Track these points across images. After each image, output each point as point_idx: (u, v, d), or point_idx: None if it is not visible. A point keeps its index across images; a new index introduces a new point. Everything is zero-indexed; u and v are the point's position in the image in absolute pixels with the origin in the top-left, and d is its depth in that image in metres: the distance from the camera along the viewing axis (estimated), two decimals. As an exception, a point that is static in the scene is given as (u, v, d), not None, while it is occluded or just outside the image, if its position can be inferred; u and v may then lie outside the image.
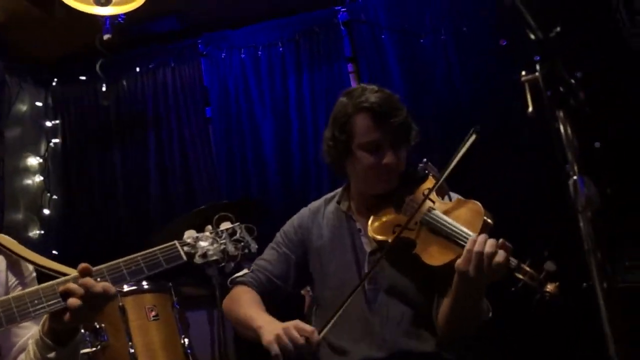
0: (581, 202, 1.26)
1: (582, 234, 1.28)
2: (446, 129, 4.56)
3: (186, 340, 3.10)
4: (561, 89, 1.31)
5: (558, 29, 1.29)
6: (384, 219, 2.26)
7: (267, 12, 5.12)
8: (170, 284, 3.23)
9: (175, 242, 1.84)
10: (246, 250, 1.99)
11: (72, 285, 1.60)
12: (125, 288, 3.11)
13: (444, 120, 4.60)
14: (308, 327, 1.99)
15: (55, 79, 5.44)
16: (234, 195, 4.85)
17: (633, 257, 3.70)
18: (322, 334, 2.04)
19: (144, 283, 3.18)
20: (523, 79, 1.32)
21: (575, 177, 1.28)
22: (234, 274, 3.50)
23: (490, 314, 2.16)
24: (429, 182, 2.24)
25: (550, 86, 1.32)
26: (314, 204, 2.55)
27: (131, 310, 3.08)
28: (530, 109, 1.31)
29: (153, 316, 3.09)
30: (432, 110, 4.67)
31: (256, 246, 2.02)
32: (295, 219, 2.52)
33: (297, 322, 2.02)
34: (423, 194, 2.20)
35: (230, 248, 1.95)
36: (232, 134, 5.06)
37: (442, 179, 2.16)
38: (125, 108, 5.29)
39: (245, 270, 2.46)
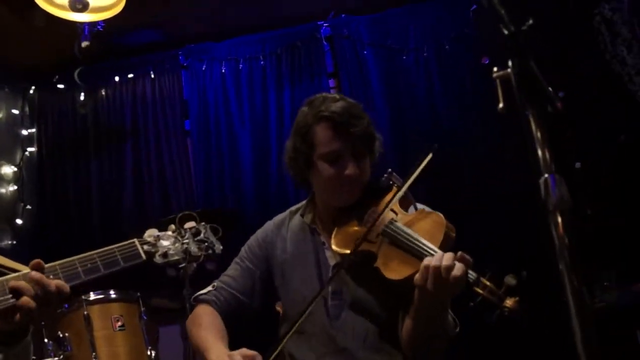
0: (552, 202, 1.20)
1: (553, 241, 1.22)
2: (426, 145, 4.50)
3: (153, 352, 3.01)
4: (534, 86, 1.25)
5: (530, 21, 1.24)
6: (347, 232, 2.18)
7: (250, 26, 5.08)
8: (139, 294, 3.14)
9: (135, 240, 1.77)
10: (210, 251, 1.93)
11: (23, 283, 1.52)
12: (92, 296, 3.03)
13: (425, 137, 4.59)
14: (252, 352, 1.95)
15: (33, 87, 5.36)
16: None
17: (611, 278, 3.67)
18: (272, 357, 1.98)
19: (112, 292, 3.10)
20: (494, 75, 1.26)
21: (546, 176, 1.23)
22: (196, 274, 3.43)
23: (458, 329, 2.09)
24: (393, 193, 2.15)
25: (522, 83, 1.26)
26: (279, 217, 2.47)
27: (96, 319, 2.99)
28: (500, 105, 1.25)
29: (119, 326, 3.00)
30: (413, 127, 4.66)
31: (221, 247, 1.96)
32: (259, 233, 2.44)
33: (243, 350, 1.96)
34: (385, 205, 2.12)
35: (193, 248, 1.89)
36: (210, 147, 5.00)
37: (401, 191, 2.10)
38: (103, 118, 5.21)
39: (209, 288, 2.36)
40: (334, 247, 2.17)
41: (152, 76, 5.20)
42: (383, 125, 4.67)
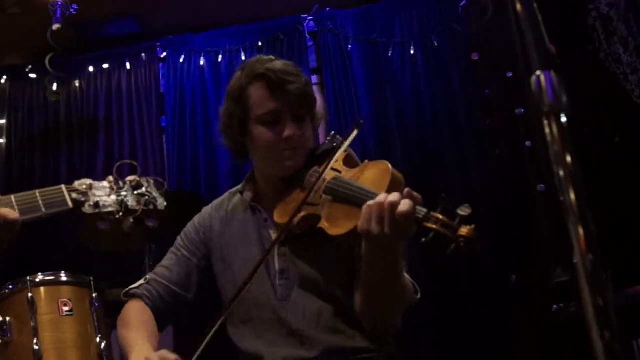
0: (547, 101, 0.98)
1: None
2: (409, 142, 4.38)
3: (103, 342, 2.75)
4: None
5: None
6: (290, 202, 1.97)
7: (231, 18, 4.91)
8: (92, 278, 2.89)
9: (62, 185, 1.54)
10: (151, 206, 1.70)
11: None
12: (40, 277, 2.77)
13: (409, 134, 4.41)
14: (172, 356, 1.74)
15: (5, 77, 5.16)
16: (184, 207, 4.53)
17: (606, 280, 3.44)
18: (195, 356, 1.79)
19: (62, 274, 2.84)
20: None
21: (539, 73, 1.01)
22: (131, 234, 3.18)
23: (419, 296, 1.88)
24: (341, 155, 1.98)
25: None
26: (217, 200, 2.26)
27: (41, 302, 2.72)
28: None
29: (66, 311, 2.72)
30: (397, 124, 4.47)
31: (165, 203, 1.74)
32: (196, 218, 2.23)
33: (162, 352, 1.77)
34: (327, 163, 1.93)
35: (131, 201, 1.66)
36: (186, 142, 4.79)
37: (344, 145, 1.94)
38: (75, 109, 5.02)
39: (141, 281, 2.15)
40: (276, 219, 1.97)
41: (128, 68, 5.02)
42: (367, 121, 4.48)
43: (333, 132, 2.04)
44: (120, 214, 1.66)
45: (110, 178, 1.70)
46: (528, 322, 3.87)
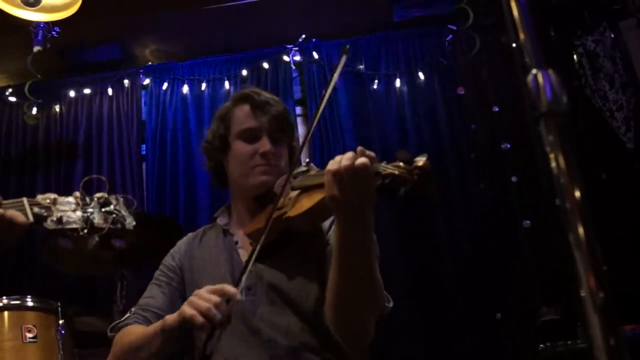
0: (545, 101, 0.91)
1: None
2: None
3: (67, 373, 2.62)
4: None
5: None
6: (261, 217, 1.98)
7: (215, 46, 4.87)
8: (59, 303, 2.77)
9: (24, 198, 1.45)
10: (118, 225, 1.60)
11: None
12: (4, 301, 2.65)
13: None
14: (217, 285, 1.70)
15: (-17, 99, 5.05)
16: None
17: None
18: (240, 287, 1.74)
19: (28, 298, 2.72)
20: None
21: (535, 71, 0.94)
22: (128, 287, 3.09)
23: (391, 304, 1.87)
24: (313, 171, 1.98)
25: None
26: (192, 233, 2.31)
27: (4, 328, 2.60)
28: None
29: (30, 338, 2.60)
30: (381, 156, 4.37)
31: (134, 223, 1.64)
32: (171, 250, 2.26)
33: (206, 286, 1.72)
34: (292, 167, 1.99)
35: (97, 219, 1.56)
36: (165, 173, 4.69)
37: (335, 76, 1.99)
38: (54, 134, 4.93)
39: (126, 314, 2.10)
40: (245, 232, 2.03)
41: (110, 94, 4.94)
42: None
43: (307, 160, 2.09)
44: (85, 231, 1.56)
45: (77, 194, 1.59)
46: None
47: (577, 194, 0.90)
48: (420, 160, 1.49)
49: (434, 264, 4.17)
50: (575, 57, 4.30)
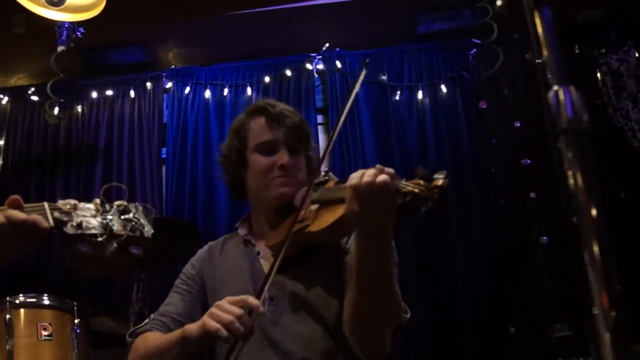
0: (565, 117, 0.91)
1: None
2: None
3: (82, 371, 2.64)
4: None
5: None
6: (281, 229, 2.00)
7: (239, 52, 4.89)
8: (75, 303, 2.79)
9: (45, 203, 1.46)
10: (137, 233, 1.61)
11: None
12: (20, 298, 2.68)
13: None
14: (239, 297, 1.70)
15: (6, 97, 5.11)
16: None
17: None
18: (261, 298, 1.73)
19: (45, 297, 2.75)
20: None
21: (556, 87, 0.94)
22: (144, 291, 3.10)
23: (408, 315, 1.85)
24: (331, 185, 2.00)
25: None
26: (213, 242, 2.31)
27: (19, 325, 2.63)
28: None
29: (45, 335, 2.63)
30: (401, 167, 4.39)
31: (152, 231, 1.65)
32: (192, 259, 2.27)
33: (228, 297, 1.72)
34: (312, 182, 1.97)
35: (116, 226, 1.57)
36: (185, 177, 4.71)
37: (356, 88, 1.99)
38: (75, 135, 4.97)
39: (145, 320, 2.12)
40: (266, 244, 2.03)
41: (132, 96, 4.98)
42: (371, 162, 4.42)
43: (326, 169, 2.10)
44: (104, 237, 1.57)
45: (97, 200, 1.60)
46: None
47: (594, 212, 0.89)
48: (440, 180, 1.49)
49: (449, 277, 4.15)
50: (598, 75, 4.28)
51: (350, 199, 1.58)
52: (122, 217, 1.61)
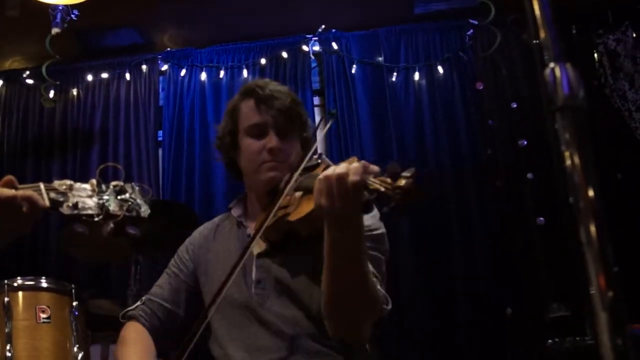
0: (561, 95, 0.90)
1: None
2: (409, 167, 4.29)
3: (80, 353, 2.64)
4: None
5: None
6: (267, 211, 1.97)
7: (235, 34, 4.87)
8: (73, 285, 2.80)
9: (40, 183, 1.46)
10: (133, 213, 1.61)
11: None
12: (17, 282, 2.68)
13: (409, 160, 4.33)
14: None
15: (1, 81, 5.10)
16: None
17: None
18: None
19: (42, 279, 2.75)
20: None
21: (553, 64, 0.93)
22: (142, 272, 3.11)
23: (390, 306, 1.84)
24: (320, 169, 1.96)
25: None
26: (208, 222, 2.33)
27: (18, 307, 2.62)
28: None
29: (44, 318, 2.62)
30: (397, 148, 4.40)
31: (149, 211, 1.65)
32: (187, 240, 2.28)
33: None
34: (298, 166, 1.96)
35: (113, 206, 1.57)
36: (182, 159, 4.71)
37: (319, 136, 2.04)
38: (71, 118, 4.95)
39: (138, 302, 2.18)
40: (256, 226, 1.99)
41: (128, 79, 4.95)
42: (367, 144, 4.43)
43: (320, 152, 2.12)
44: (100, 217, 1.57)
45: (93, 181, 1.60)
46: (523, 356, 3.78)
47: (591, 192, 0.89)
48: (403, 179, 1.42)
49: (446, 258, 4.16)
50: (595, 55, 4.26)
51: (318, 191, 1.60)
52: (119, 197, 1.61)
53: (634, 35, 4.20)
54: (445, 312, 4.06)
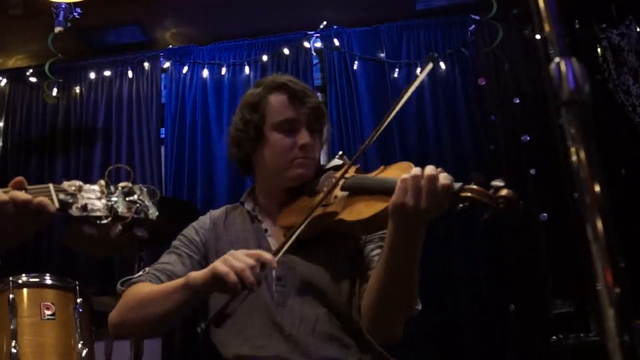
0: (566, 89, 0.90)
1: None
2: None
3: (85, 350, 2.66)
4: None
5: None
6: (296, 207, 1.98)
7: (236, 31, 4.87)
8: (77, 282, 2.81)
9: (50, 184, 1.45)
10: (141, 215, 1.61)
11: None
12: (23, 278, 2.70)
13: (411, 156, 4.33)
14: (255, 250, 1.71)
15: (5, 79, 5.10)
16: (178, 221, 4.45)
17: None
18: (277, 256, 1.74)
19: (47, 276, 2.77)
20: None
21: (558, 59, 0.93)
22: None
23: (420, 307, 1.85)
24: (352, 169, 1.96)
25: None
26: (215, 211, 2.26)
27: (22, 304, 2.66)
28: None
29: (48, 315, 2.65)
30: (400, 145, 4.40)
31: (156, 213, 1.65)
32: (195, 223, 2.21)
33: (243, 250, 1.72)
34: (345, 167, 1.93)
35: (121, 208, 1.57)
36: (184, 156, 4.70)
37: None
38: (74, 116, 4.95)
39: (139, 273, 2.06)
40: (280, 222, 2.00)
41: (130, 76, 4.96)
42: (369, 141, 4.42)
43: (341, 152, 2.11)
44: (109, 219, 1.57)
45: (102, 182, 1.60)
46: (526, 352, 3.77)
47: (597, 187, 0.89)
48: (504, 189, 1.49)
49: (448, 254, 4.16)
50: (599, 50, 4.25)
51: (402, 191, 1.56)
52: (127, 199, 1.61)
53: (638, 29, 4.19)
54: (447, 308, 4.05)
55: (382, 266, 1.72)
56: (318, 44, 4.81)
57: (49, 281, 2.79)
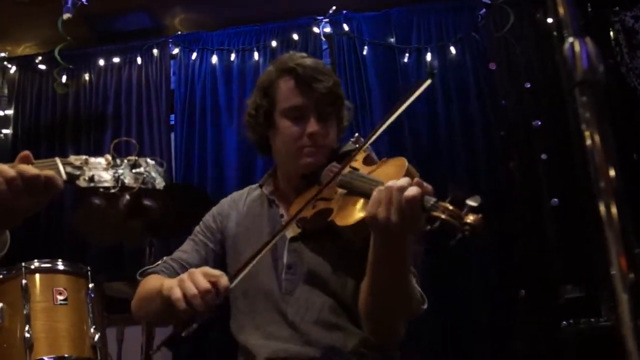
0: (580, 69, 0.89)
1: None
2: (421, 149, 4.31)
3: (97, 334, 2.68)
4: None
5: None
6: (306, 197, 1.92)
7: (245, 17, 4.85)
8: (89, 267, 2.83)
9: (57, 158, 1.46)
10: (149, 185, 1.62)
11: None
12: (35, 264, 2.73)
13: (421, 141, 4.33)
14: (215, 272, 1.67)
15: (14, 67, 5.11)
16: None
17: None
18: (233, 283, 1.70)
19: (59, 262, 2.80)
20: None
21: (572, 39, 0.92)
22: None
23: (425, 306, 1.80)
24: (360, 155, 1.92)
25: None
26: (237, 193, 2.25)
27: (35, 289, 2.67)
28: None
29: (61, 300, 2.67)
30: (410, 130, 4.38)
31: (163, 183, 1.66)
32: (214, 208, 2.21)
33: (205, 268, 1.70)
34: (346, 160, 1.89)
35: (128, 179, 1.58)
36: (194, 142, 4.71)
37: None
38: (84, 102, 4.98)
39: (158, 262, 2.11)
40: (291, 212, 1.94)
41: (139, 63, 4.96)
42: (379, 126, 4.41)
43: (357, 135, 2.04)
44: (116, 189, 1.58)
45: (108, 156, 1.61)
46: (537, 337, 3.77)
47: (612, 172, 0.88)
48: (471, 215, 1.38)
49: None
50: (611, 33, 4.20)
51: (375, 202, 1.53)
52: (133, 170, 1.62)
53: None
54: (458, 294, 4.05)
55: (368, 276, 1.70)
56: (327, 29, 4.78)
57: (61, 267, 2.81)
